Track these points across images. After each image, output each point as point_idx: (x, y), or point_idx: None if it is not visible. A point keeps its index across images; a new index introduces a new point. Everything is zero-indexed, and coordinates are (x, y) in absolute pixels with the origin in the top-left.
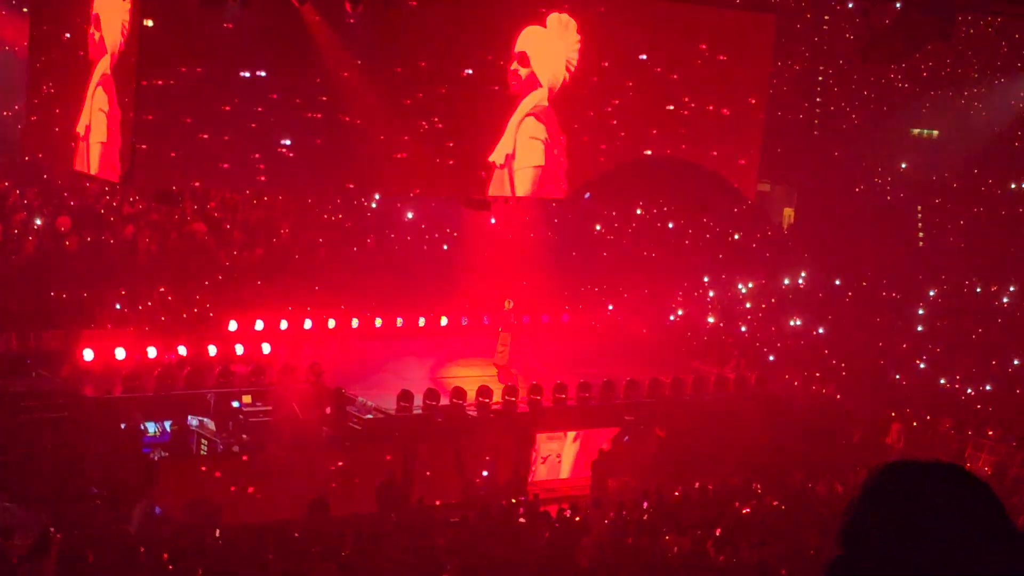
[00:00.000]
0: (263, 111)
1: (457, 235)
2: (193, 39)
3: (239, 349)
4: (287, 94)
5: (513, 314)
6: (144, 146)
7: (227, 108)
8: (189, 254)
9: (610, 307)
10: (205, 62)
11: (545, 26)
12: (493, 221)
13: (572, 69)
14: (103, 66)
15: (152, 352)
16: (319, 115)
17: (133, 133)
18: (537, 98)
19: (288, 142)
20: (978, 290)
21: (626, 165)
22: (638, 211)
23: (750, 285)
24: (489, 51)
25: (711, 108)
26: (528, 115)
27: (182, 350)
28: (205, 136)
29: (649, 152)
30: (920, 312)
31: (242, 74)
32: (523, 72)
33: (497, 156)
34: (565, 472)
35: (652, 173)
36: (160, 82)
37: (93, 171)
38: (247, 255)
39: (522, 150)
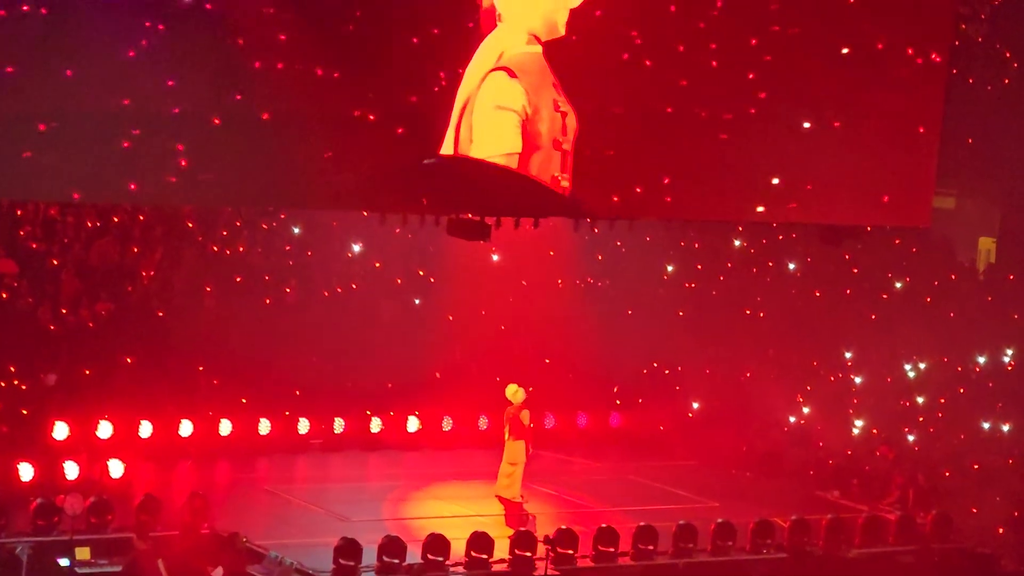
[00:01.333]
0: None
1: (434, 281)
2: None
3: (71, 470)
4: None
5: (526, 412)
6: None
7: (68, 73)
8: None
9: (694, 406)
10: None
11: None
12: (496, 258)
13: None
14: None
15: None
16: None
17: None
18: (509, 41)
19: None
20: None
21: (691, 155)
22: (737, 242)
23: (921, 366)
24: None
25: (848, 51)
26: (494, 70)
27: None
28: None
29: (725, 137)
30: None
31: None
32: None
33: (447, 144)
34: None
35: (738, 172)
36: None
37: None
38: (85, 313)
39: (481, 129)
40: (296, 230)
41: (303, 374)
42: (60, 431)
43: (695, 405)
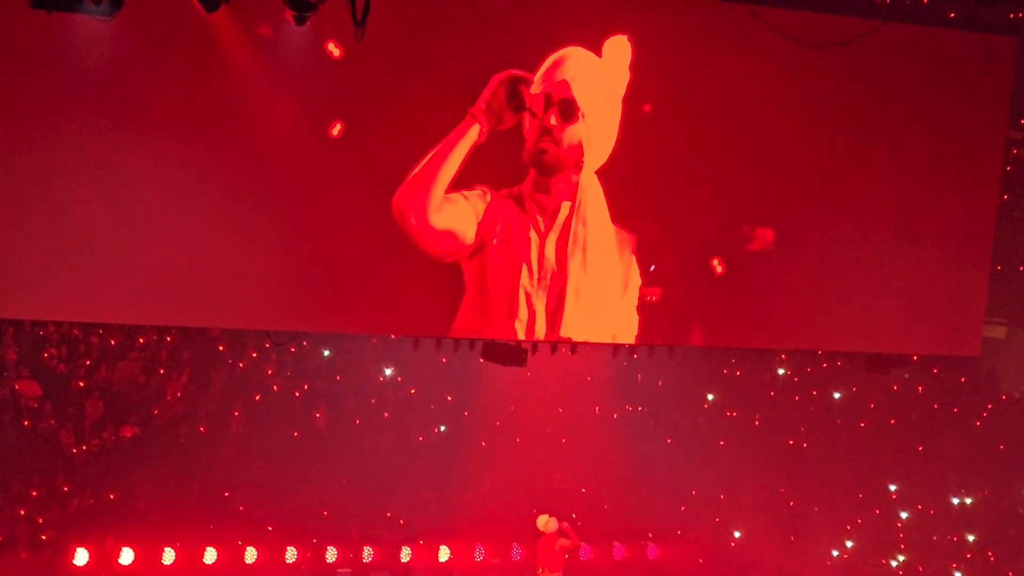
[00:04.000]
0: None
1: (468, 407)
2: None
3: None
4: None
5: (561, 542)
6: None
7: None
8: (10, 436)
9: (735, 535)
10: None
11: (600, 55)
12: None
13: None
14: None
15: None
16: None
17: None
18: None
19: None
20: None
21: (732, 280)
22: (781, 371)
23: (968, 500)
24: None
25: (895, 177)
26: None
27: None
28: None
29: (769, 262)
30: None
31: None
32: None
33: (527, 279)
34: None
35: (781, 299)
36: None
37: None
38: (109, 436)
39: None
40: (326, 353)
41: (332, 502)
42: (80, 557)
43: (736, 535)
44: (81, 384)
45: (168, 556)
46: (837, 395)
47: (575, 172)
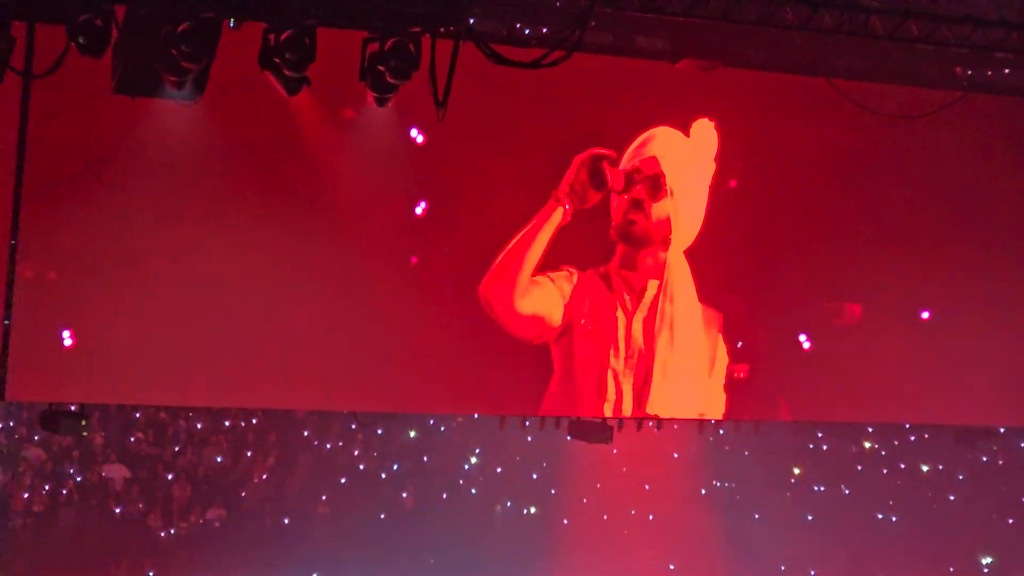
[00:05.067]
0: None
1: (555, 491)
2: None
3: None
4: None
5: None
6: (21, 336)
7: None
8: (97, 520)
9: None
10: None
11: (688, 135)
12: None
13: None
14: None
15: None
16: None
17: (4, 310)
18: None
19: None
20: None
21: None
22: (868, 444)
23: None
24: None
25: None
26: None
27: None
28: (124, 319)
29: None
30: None
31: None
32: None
33: (615, 358)
34: None
35: (867, 372)
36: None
37: None
38: (197, 520)
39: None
40: (412, 433)
41: None
42: None
43: None
44: (168, 468)
45: None
46: (925, 468)
47: (663, 249)
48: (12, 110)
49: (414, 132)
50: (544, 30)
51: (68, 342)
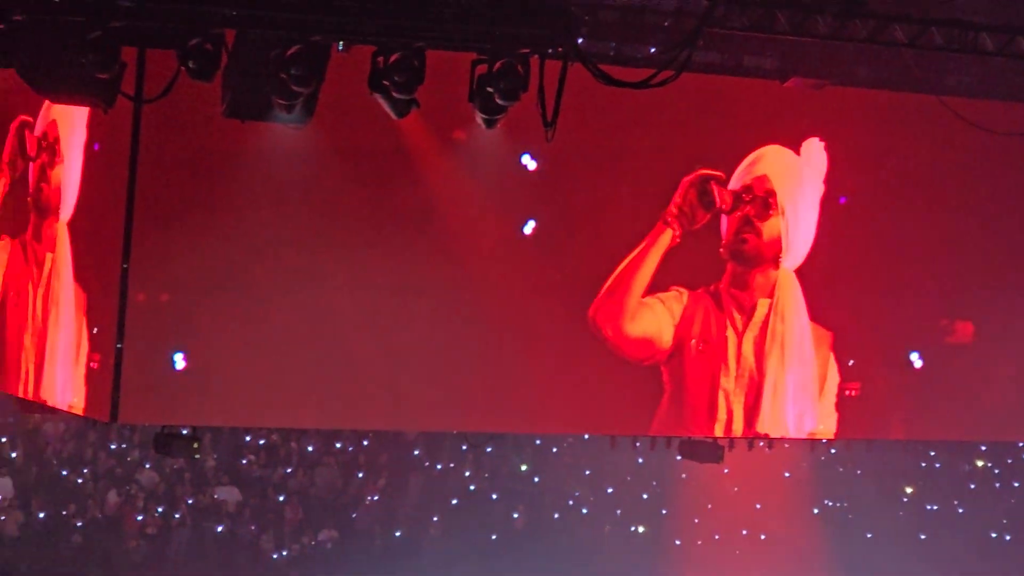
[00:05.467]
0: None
1: (666, 511)
2: (218, 171)
3: None
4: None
5: None
6: (133, 359)
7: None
8: (210, 542)
9: None
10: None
11: (798, 153)
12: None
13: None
14: (61, 223)
15: None
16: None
17: (116, 333)
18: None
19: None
20: None
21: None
22: (980, 462)
23: None
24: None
25: None
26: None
27: None
28: (238, 340)
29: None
30: None
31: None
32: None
33: (725, 378)
34: None
35: (981, 390)
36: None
37: (60, 403)
38: (309, 542)
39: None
40: (522, 456)
41: None
42: None
43: None
44: (279, 489)
45: None
46: None
47: (774, 268)
48: (123, 135)
49: (526, 158)
50: (652, 50)
51: (180, 365)
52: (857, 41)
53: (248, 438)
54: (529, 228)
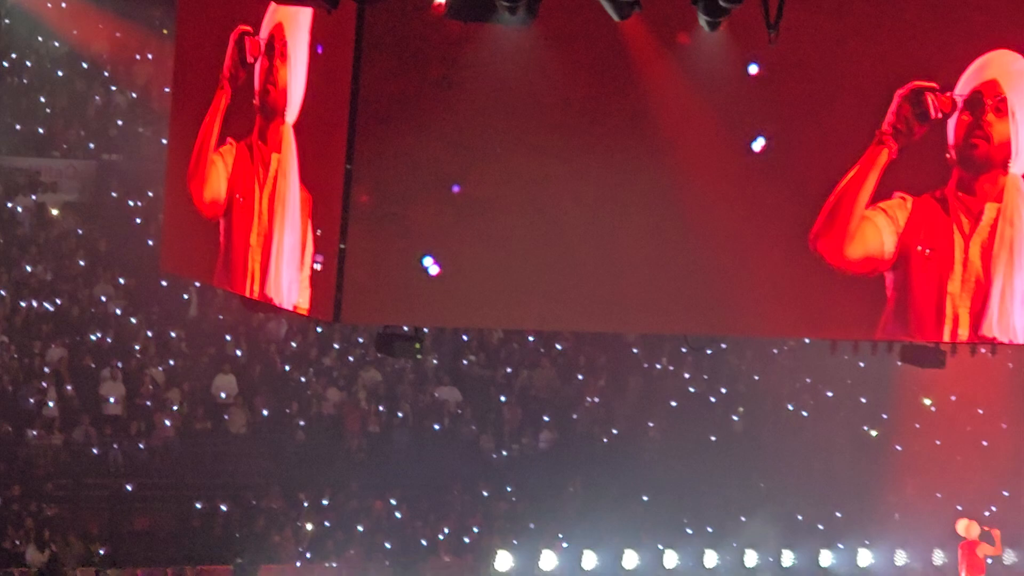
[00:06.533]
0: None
1: (886, 416)
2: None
3: None
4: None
5: (983, 547)
6: (357, 259)
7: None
8: (430, 442)
9: None
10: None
11: None
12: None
13: None
14: (287, 125)
15: None
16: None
17: (340, 234)
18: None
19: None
20: None
21: None
22: None
23: None
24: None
25: None
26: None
27: None
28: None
29: None
30: None
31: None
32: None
33: (951, 283)
34: None
35: None
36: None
37: (285, 303)
38: (529, 442)
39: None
40: (741, 357)
41: (751, 505)
42: (503, 561)
43: None
44: (500, 390)
45: (588, 559)
46: None
47: (1003, 172)
48: (347, 36)
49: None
50: None
51: (402, 266)
52: None
53: (468, 338)
54: (758, 145)
